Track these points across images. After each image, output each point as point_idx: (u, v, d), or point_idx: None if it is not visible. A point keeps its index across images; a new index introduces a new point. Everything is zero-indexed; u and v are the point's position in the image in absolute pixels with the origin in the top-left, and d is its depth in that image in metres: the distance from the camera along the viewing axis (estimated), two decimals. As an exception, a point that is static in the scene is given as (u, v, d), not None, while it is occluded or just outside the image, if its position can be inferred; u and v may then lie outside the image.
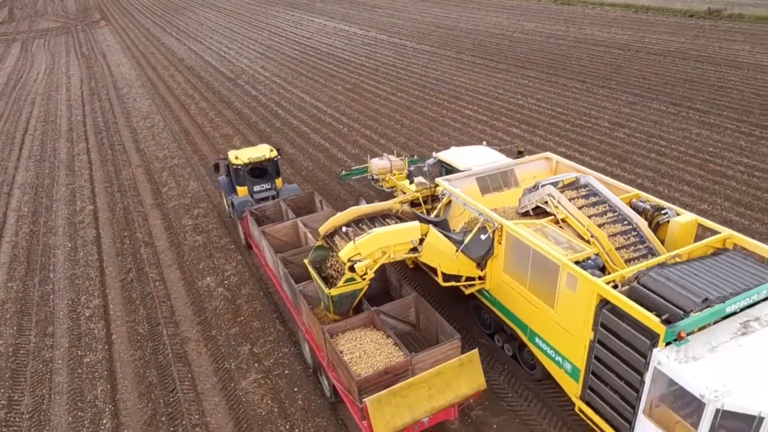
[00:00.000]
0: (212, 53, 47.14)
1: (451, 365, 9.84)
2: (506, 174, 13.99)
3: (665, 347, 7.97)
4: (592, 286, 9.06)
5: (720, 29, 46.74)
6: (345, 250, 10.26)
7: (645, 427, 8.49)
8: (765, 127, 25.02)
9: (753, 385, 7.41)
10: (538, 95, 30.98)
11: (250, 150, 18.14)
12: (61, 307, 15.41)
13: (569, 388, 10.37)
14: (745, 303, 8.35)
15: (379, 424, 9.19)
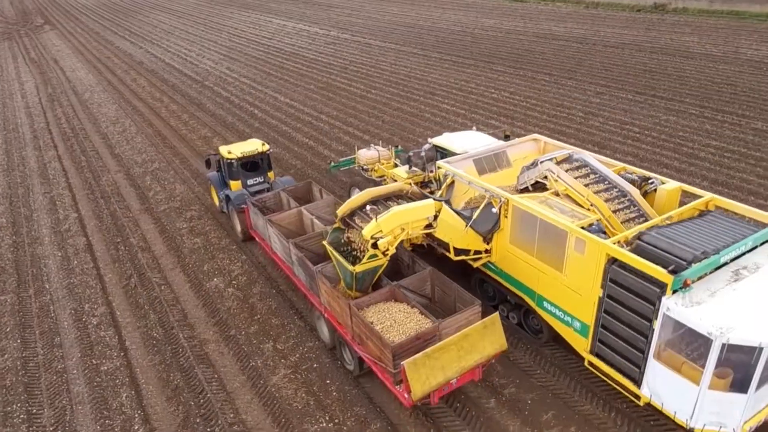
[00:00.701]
0: (172, 56, 46.02)
1: (476, 328, 10.55)
2: (500, 155, 14.88)
3: (672, 295, 8.93)
4: (600, 247, 9.94)
5: (667, 22, 49.13)
6: (368, 228, 10.71)
7: (655, 369, 9.46)
8: (725, 112, 26.59)
9: (751, 321, 8.46)
10: (510, 88, 31.83)
11: (242, 144, 18.24)
12: (64, 317, 14.88)
13: (578, 345, 11.24)
14: (735, 253, 9.54)
15: (416, 385, 9.80)
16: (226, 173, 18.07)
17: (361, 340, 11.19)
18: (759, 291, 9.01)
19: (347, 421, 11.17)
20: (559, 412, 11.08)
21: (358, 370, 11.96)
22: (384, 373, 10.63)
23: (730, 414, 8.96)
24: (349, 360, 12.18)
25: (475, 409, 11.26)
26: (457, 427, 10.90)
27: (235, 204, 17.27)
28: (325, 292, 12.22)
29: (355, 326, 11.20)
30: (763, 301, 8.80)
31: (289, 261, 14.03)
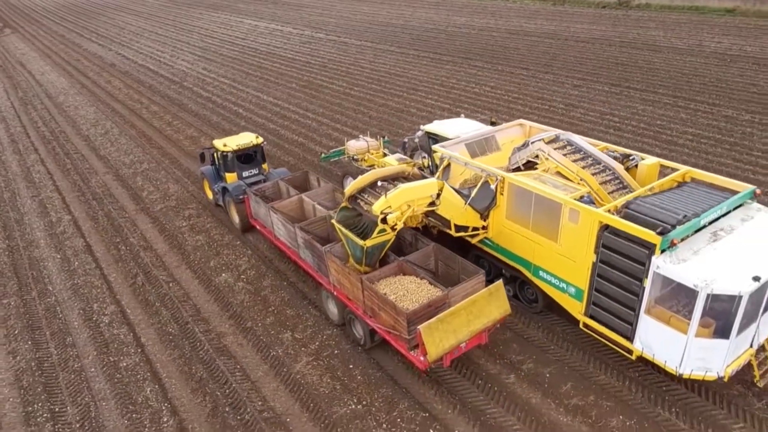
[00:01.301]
0: (145, 57, 45.32)
1: (483, 294, 11.31)
2: (489, 140, 15.79)
3: (661, 254, 9.96)
4: (593, 215, 10.92)
5: (632, 18, 50.87)
6: (378, 204, 11.41)
7: (646, 323, 10.49)
8: (697, 101, 27.86)
9: (731, 274, 9.54)
10: (491, 83, 32.57)
11: (236, 137, 18.55)
12: (73, 317, 14.74)
13: (573, 309, 12.15)
14: (713, 217, 10.75)
15: (432, 347, 10.48)
16: (221, 166, 18.34)
17: (373, 313, 11.77)
18: (735, 249, 10.12)
19: (375, 402, 11.49)
20: (577, 383, 11.64)
21: (369, 343, 12.56)
22: (398, 341, 11.26)
23: (715, 359, 10.05)
24: (359, 335, 12.78)
25: (497, 385, 11.72)
26: (480, 402, 11.34)
27: (234, 195, 17.53)
28: (335, 271, 12.73)
29: (367, 299, 11.77)
30: (739, 257, 9.89)
31: (295, 245, 14.53)
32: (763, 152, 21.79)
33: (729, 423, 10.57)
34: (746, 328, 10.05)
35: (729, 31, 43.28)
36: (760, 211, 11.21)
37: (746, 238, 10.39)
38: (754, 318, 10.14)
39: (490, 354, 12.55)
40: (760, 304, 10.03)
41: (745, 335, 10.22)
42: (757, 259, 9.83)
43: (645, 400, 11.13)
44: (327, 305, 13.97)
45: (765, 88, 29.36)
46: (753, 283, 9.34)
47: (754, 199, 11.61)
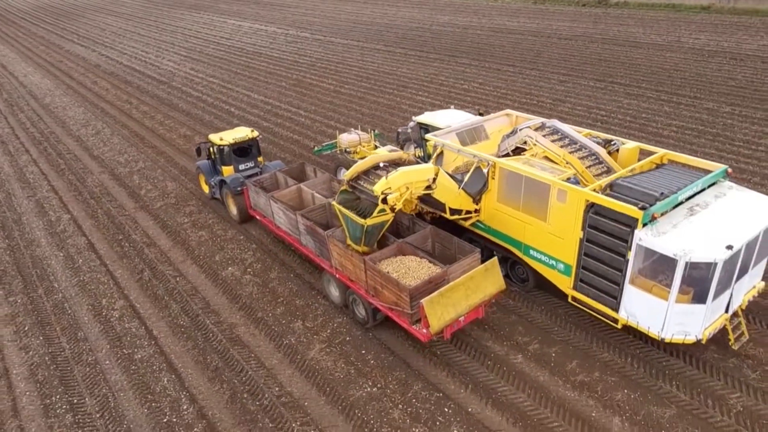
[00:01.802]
0: (130, 58, 45.07)
1: (479, 270, 12.01)
2: (478, 129, 16.53)
3: (643, 228, 10.78)
4: (580, 194, 11.72)
5: (611, 16, 52.00)
6: (379, 185, 12.11)
7: (631, 293, 11.37)
8: (679, 94, 28.77)
9: (706, 244, 10.43)
10: (479, 80, 33.16)
11: (232, 132, 18.97)
12: (83, 312, 14.87)
13: (562, 284, 12.94)
14: (689, 193, 11.62)
15: (434, 320, 11.19)
16: (218, 160, 18.81)
17: (375, 291, 12.36)
18: (710, 222, 11.04)
19: (390, 385, 11.89)
20: (582, 361, 12.17)
21: (372, 321, 13.15)
22: (401, 317, 11.89)
23: (693, 323, 10.98)
24: (362, 315, 13.38)
25: (505, 365, 12.20)
26: (491, 381, 11.81)
27: (232, 187, 17.96)
28: (337, 254, 13.30)
29: (369, 279, 12.33)
30: (714, 230, 10.80)
31: (296, 232, 15.07)
32: (744, 142, 22.68)
33: (726, 393, 11.19)
34: (721, 293, 10.99)
35: (705, 28, 44.55)
36: (732, 189, 12.16)
37: (720, 213, 11.31)
38: (727, 285, 11.08)
39: (497, 336, 13.03)
40: (733, 272, 10.94)
41: (720, 301, 11.18)
42: (729, 230, 10.74)
43: (647, 375, 11.71)
44: (329, 288, 14.51)
45: (742, 82, 30.41)
46: (727, 252, 10.21)
47: (726, 177, 12.55)
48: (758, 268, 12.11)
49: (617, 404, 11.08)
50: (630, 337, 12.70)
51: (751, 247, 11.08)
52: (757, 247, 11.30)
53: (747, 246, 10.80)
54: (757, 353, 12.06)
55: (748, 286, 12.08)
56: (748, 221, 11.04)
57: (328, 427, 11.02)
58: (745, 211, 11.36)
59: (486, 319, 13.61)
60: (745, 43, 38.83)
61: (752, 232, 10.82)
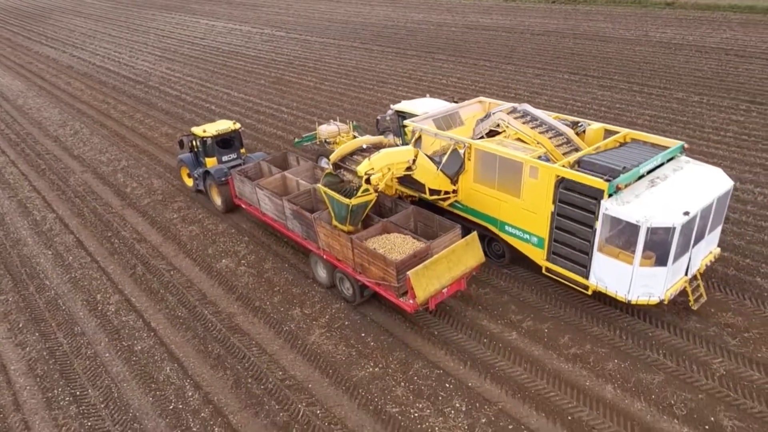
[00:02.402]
0: (103, 59, 44.43)
1: (460, 244, 12.71)
2: (454, 115, 17.35)
3: (609, 198, 11.72)
4: (551, 170, 12.60)
5: (581, 12, 53.29)
6: (362, 165, 12.85)
7: (599, 259, 12.32)
8: (650, 86, 29.80)
9: (666, 211, 11.40)
10: (457, 74, 33.75)
11: (214, 124, 19.48)
12: (77, 308, 14.85)
13: (537, 256, 13.81)
14: (650, 167, 12.59)
15: (419, 291, 11.84)
16: (201, 152, 19.20)
17: (362, 268, 12.94)
18: (669, 192, 12.04)
19: (391, 365, 12.24)
20: (574, 335, 12.73)
21: (359, 298, 13.74)
22: (387, 291, 12.48)
23: (656, 285, 11.92)
24: (350, 293, 13.95)
25: (501, 342, 12.68)
26: (488, 357, 12.26)
27: (217, 177, 18.37)
28: (324, 235, 13.85)
29: (356, 257, 12.92)
30: (672, 199, 11.80)
31: (282, 217, 15.55)
32: (713, 129, 23.69)
33: (709, 359, 11.86)
34: (680, 257, 12.04)
35: (671, 23, 46.06)
36: (689, 163, 13.25)
37: (678, 184, 12.34)
38: (686, 249, 12.13)
39: (491, 316, 13.50)
40: (690, 237, 12.00)
41: (680, 264, 12.21)
42: (686, 199, 11.83)
43: (635, 345, 12.31)
44: (316, 270, 14.99)
45: (708, 73, 31.64)
46: (684, 217, 11.28)
47: (683, 152, 13.68)
48: (713, 234, 13.25)
49: (609, 373, 11.64)
50: (618, 311, 13.31)
51: (706, 213, 12.22)
52: (711, 214, 12.46)
53: (702, 212, 11.94)
54: (736, 322, 12.78)
55: (705, 251, 13.17)
56: (703, 191, 12.19)
57: (333, 406, 11.32)
58: (700, 182, 12.50)
59: (480, 299, 14.08)
60: (708, 37, 40.31)
61: (707, 200, 12.00)
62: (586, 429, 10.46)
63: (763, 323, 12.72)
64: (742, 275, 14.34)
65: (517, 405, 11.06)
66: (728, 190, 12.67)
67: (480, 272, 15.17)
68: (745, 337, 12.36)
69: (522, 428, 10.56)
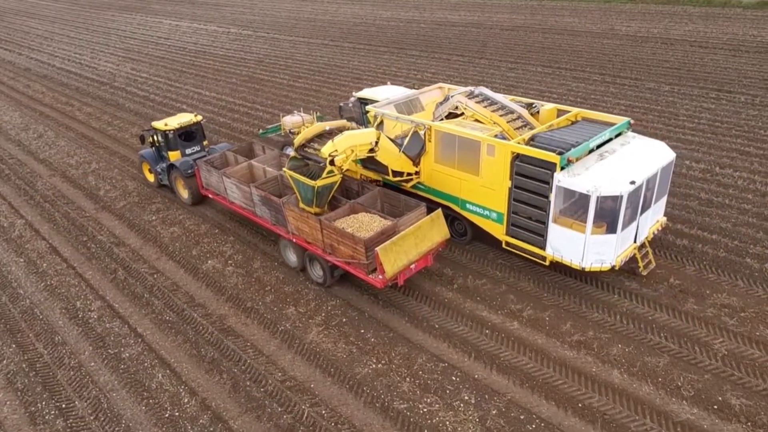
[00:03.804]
0: (63, 60, 42.76)
1: (426, 221, 13.09)
2: (414, 101, 17.75)
3: (561, 171, 12.32)
4: (507, 147, 13.19)
5: (546, 8, 53.97)
6: (326, 147, 13.19)
7: (554, 230, 12.94)
8: (622, 77, 30.29)
9: (613, 181, 12.08)
10: (431, 70, 33.65)
11: (175, 117, 19.37)
12: (56, 317, 14.06)
13: (497, 231, 14.38)
14: (599, 141, 13.39)
15: (388, 266, 12.19)
16: (163, 146, 19.06)
17: (332, 249, 13.19)
18: (617, 165, 12.73)
19: (394, 360, 11.93)
20: (575, 322, 12.66)
21: (330, 280, 13.99)
22: (357, 269, 12.74)
23: (607, 251, 12.63)
24: (319, 275, 14.22)
25: (503, 333, 12.51)
26: (492, 348, 12.08)
27: (183, 170, 18.23)
28: (293, 219, 14.01)
29: (326, 237, 13.19)
30: (620, 170, 12.48)
31: (250, 205, 15.61)
32: (686, 116, 24.16)
33: (710, 340, 11.94)
34: (629, 224, 12.77)
35: (634, 17, 47.05)
36: (635, 138, 14.05)
37: (625, 157, 13.06)
38: (633, 217, 12.83)
39: (491, 306, 13.33)
40: (638, 205, 12.68)
41: (629, 231, 12.93)
42: (633, 171, 12.49)
43: (636, 329, 12.31)
44: (286, 254, 15.23)
45: (675, 64, 32.36)
46: (630, 186, 12.01)
47: (629, 128, 14.45)
48: (659, 204, 13.98)
49: (614, 359, 11.60)
50: (616, 296, 13.32)
51: (651, 183, 12.94)
52: (656, 184, 13.19)
53: (648, 182, 12.65)
54: (731, 302, 12.94)
55: (652, 220, 13.89)
56: (648, 162, 12.93)
57: (339, 405, 10.94)
58: (645, 155, 13.24)
59: (477, 290, 13.90)
60: (672, 29, 41.30)
61: (651, 170, 12.74)
62: (597, 415, 10.37)
63: (758, 302, 12.91)
64: (733, 257, 14.55)
65: (526, 395, 10.90)
66: (671, 161, 13.50)
67: (475, 263, 15.01)
68: (742, 316, 12.50)
69: (533, 417, 10.40)
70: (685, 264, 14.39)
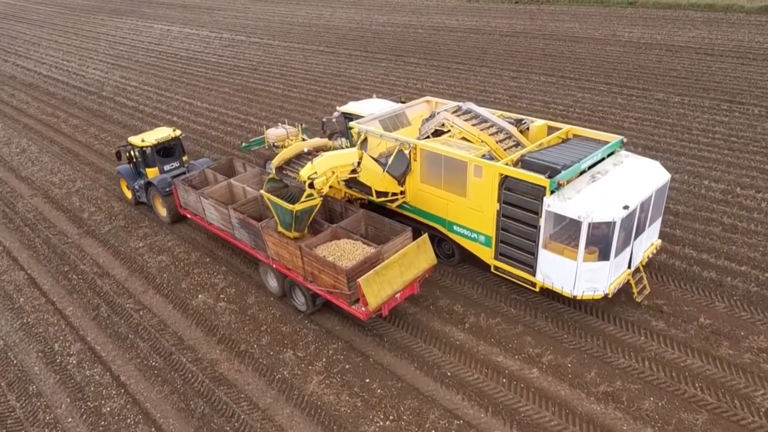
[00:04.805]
0: (50, 68, 41.40)
1: (412, 247, 12.42)
2: (400, 116, 17.07)
3: (551, 195, 11.67)
4: (495, 169, 12.54)
5: (545, 12, 53.01)
6: (304, 170, 12.39)
7: (544, 256, 12.28)
8: (628, 86, 29.30)
9: (606, 206, 11.43)
10: (431, 79, 32.56)
11: (153, 132, 18.50)
12: (32, 361, 12.87)
13: (485, 255, 13.72)
14: (591, 162, 12.69)
15: (371, 297, 11.47)
16: (140, 162, 18.22)
17: (313, 277, 12.52)
18: (609, 187, 12.08)
19: (403, 416, 10.82)
20: (600, 370, 11.58)
21: (312, 307, 13.33)
22: (339, 299, 12.06)
23: (600, 279, 11.98)
24: (301, 302, 13.52)
25: (522, 382, 11.42)
26: (511, 401, 10.99)
27: (160, 188, 17.45)
28: (272, 244, 13.30)
29: (306, 265, 12.48)
30: (613, 193, 11.84)
31: (229, 227, 14.85)
32: (700, 131, 23.16)
33: (749, 391, 10.89)
34: (622, 250, 12.12)
35: (636, 22, 46.13)
36: (628, 157, 13.38)
37: (618, 178, 12.42)
38: (627, 242, 12.18)
39: (506, 350, 12.24)
40: (631, 230, 12.04)
41: (623, 257, 12.29)
42: (626, 193, 11.86)
43: (668, 378, 11.25)
44: (266, 279, 14.50)
45: (683, 72, 31.40)
46: (623, 211, 11.32)
47: (622, 147, 13.77)
48: (654, 226, 13.35)
49: (646, 414, 10.53)
50: (642, 338, 12.26)
51: (646, 206, 12.33)
52: (650, 207, 12.58)
53: (642, 206, 12.03)
54: None
55: (647, 243, 13.25)
56: (642, 184, 12.30)
57: (343, 472, 9.82)
58: (639, 175, 12.61)
59: (491, 330, 12.81)
60: (676, 36, 40.39)
61: (645, 193, 12.11)
62: (632, 484, 9.29)
63: (798, 346, 11.87)
64: (765, 292, 13.52)
65: (552, 458, 9.81)
66: (666, 182, 12.86)
67: (487, 298, 13.92)
68: (783, 362, 11.47)
69: (562, 488, 9.30)
70: (714, 300, 13.34)
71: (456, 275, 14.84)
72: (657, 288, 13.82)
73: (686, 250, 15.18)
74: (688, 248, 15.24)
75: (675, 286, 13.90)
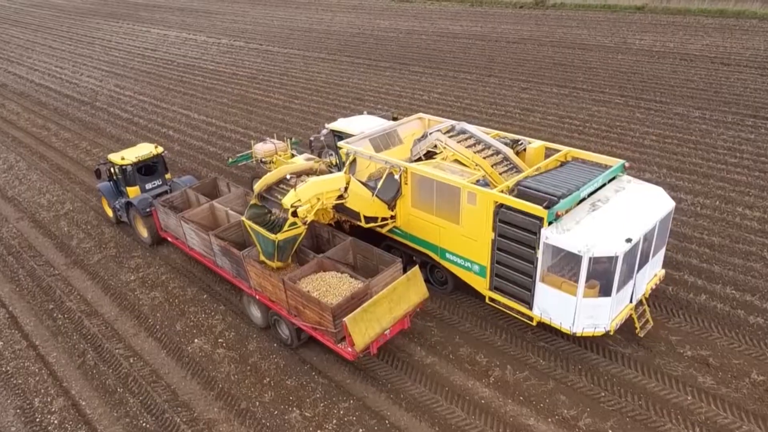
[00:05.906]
0: (42, 75, 40.07)
1: (402, 281, 11.68)
2: (392, 134, 16.34)
3: (549, 226, 10.93)
4: (489, 196, 11.79)
5: (551, 17, 51.85)
6: (287, 198, 11.67)
7: (542, 290, 11.51)
8: (645, 99, 28.08)
9: (608, 239, 10.67)
10: (438, 90, 31.31)
11: (133, 150, 17.71)
12: (9, 420, 11.57)
13: (479, 285, 12.97)
14: (591, 189, 11.93)
15: (358, 337, 10.79)
16: (121, 181, 17.41)
17: (297, 311, 11.79)
18: (610, 216, 11.35)
19: (426, 494, 9.55)
20: None
21: (296, 342, 12.59)
22: (325, 336, 11.36)
23: (601, 315, 11.21)
24: (286, 335, 12.80)
25: None
26: (547, 476, 9.71)
27: (140, 208, 16.64)
28: (255, 274, 12.61)
29: (290, 299, 11.72)
30: (614, 223, 11.09)
31: (211, 253, 14.10)
32: (727, 150, 21.96)
33: (816, 465, 9.64)
34: (625, 285, 11.34)
35: (646, 28, 44.98)
36: (630, 182, 12.66)
37: (620, 206, 11.69)
38: (630, 275, 11.41)
39: (538, 410, 10.98)
40: (635, 263, 11.29)
41: (625, 292, 11.49)
42: (629, 223, 11.14)
43: (723, 449, 10.00)
44: (250, 310, 13.76)
45: (701, 84, 30.22)
46: (626, 245, 10.57)
47: (624, 171, 13.03)
48: (658, 256, 12.58)
49: (702, 494, 9.27)
50: (690, 397, 11.00)
51: (649, 237, 11.55)
52: (654, 237, 11.78)
53: (645, 237, 11.26)
54: (832, 408, 10.65)
55: (650, 274, 12.47)
56: (645, 213, 11.55)
57: None
58: (642, 203, 11.88)
59: (519, 386, 11.55)
60: (689, 43, 39.23)
61: (649, 223, 11.34)
62: None
63: None
64: None
65: None
66: (670, 211, 12.13)
67: (512, 346, 12.66)
68: None
69: None
70: (765, 351, 12.10)
71: (477, 317, 13.59)
72: (700, 336, 12.58)
73: (727, 290, 13.95)
74: (730, 288, 14.00)
75: (719, 333, 12.66)
